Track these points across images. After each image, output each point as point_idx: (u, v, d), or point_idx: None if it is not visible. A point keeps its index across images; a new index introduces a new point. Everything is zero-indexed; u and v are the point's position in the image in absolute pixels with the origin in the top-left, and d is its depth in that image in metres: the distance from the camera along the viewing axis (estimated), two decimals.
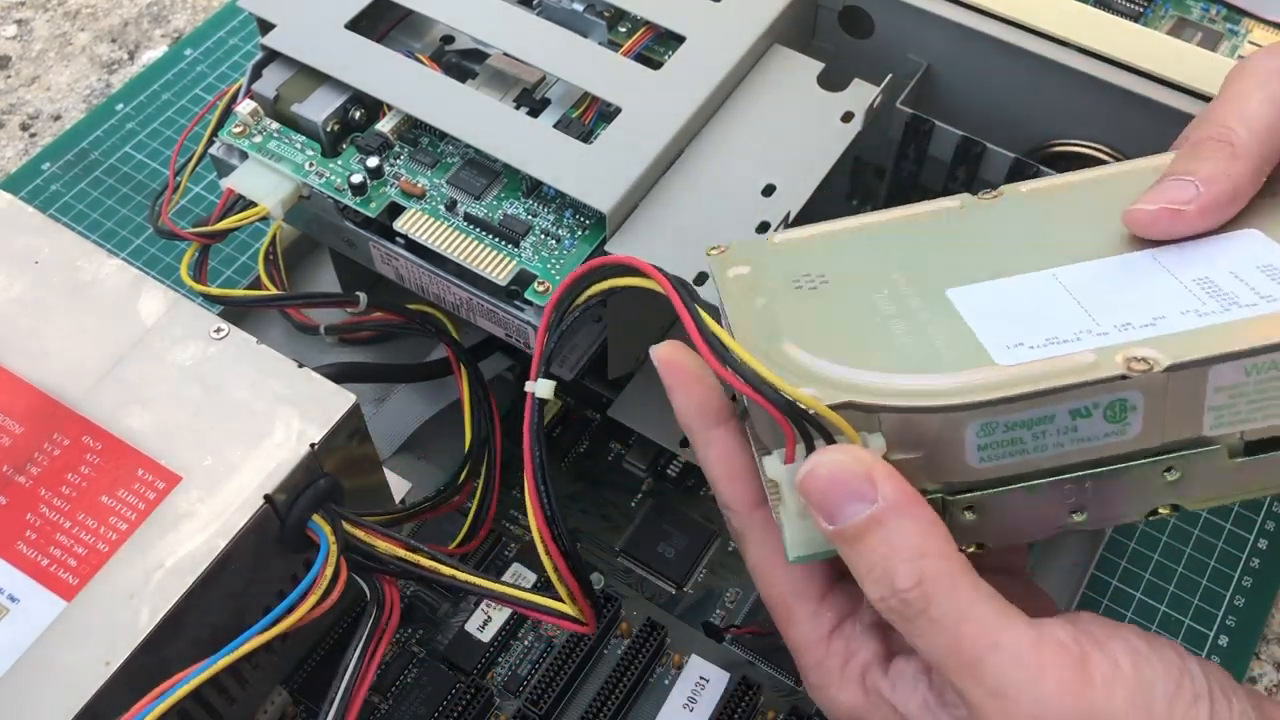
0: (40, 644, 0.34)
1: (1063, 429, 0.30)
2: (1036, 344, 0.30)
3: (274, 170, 0.44)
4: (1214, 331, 0.30)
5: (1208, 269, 0.32)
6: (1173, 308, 0.31)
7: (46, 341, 0.39)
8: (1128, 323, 0.30)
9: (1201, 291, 0.31)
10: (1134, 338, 0.30)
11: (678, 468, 0.51)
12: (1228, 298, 0.31)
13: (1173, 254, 0.33)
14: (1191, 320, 0.30)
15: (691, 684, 0.46)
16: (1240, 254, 0.32)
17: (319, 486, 0.37)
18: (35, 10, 0.72)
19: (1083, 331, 0.30)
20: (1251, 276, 0.31)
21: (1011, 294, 0.33)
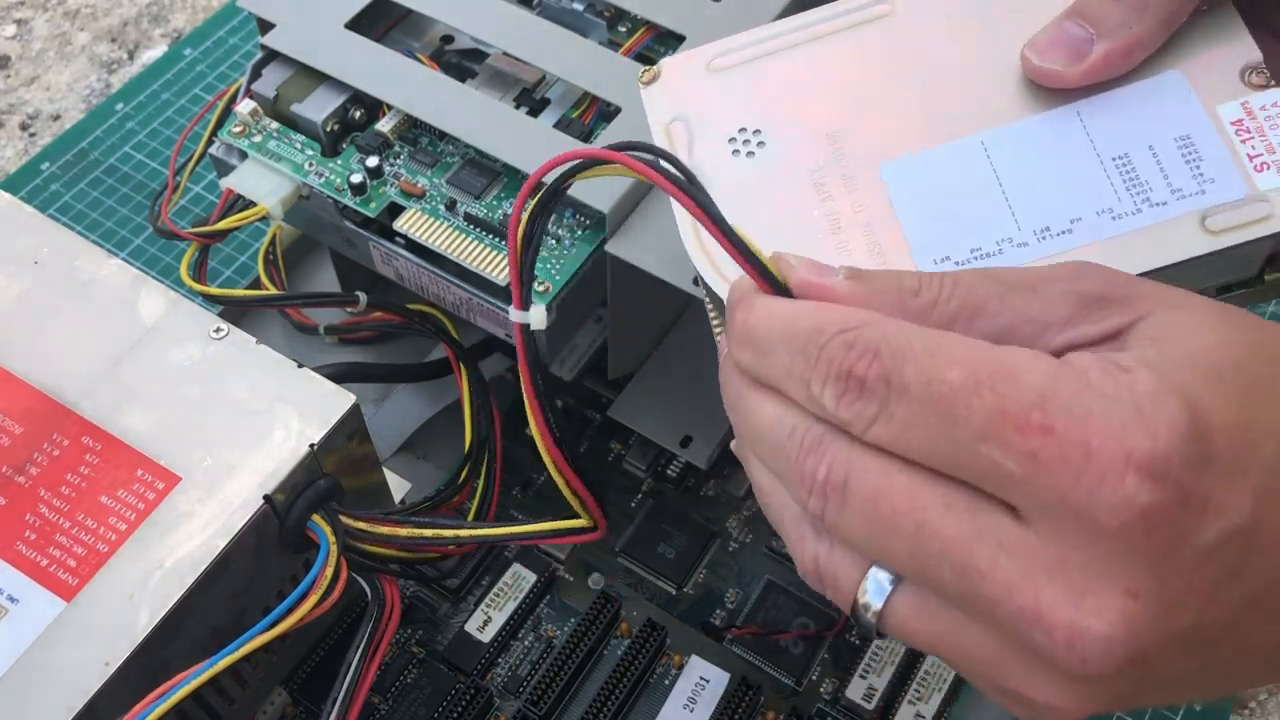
0: (40, 644, 0.34)
1: None
2: (961, 259, 0.33)
3: (274, 170, 0.44)
4: (1124, 245, 0.32)
5: (1126, 142, 0.33)
6: (1089, 204, 0.33)
7: (46, 341, 0.39)
8: (1046, 227, 0.33)
9: (1119, 179, 0.33)
10: (1051, 250, 0.32)
11: (678, 468, 0.51)
12: (1143, 191, 0.33)
13: (1094, 108, 0.34)
14: (1106, 225, 0.32)
15: (691, 684, 0.45)
16: (1159, 117, 0.33)
17: (319, 487, 0.37)
18: (35, 10, 0.72)
19: (1004, 240, 0.33)
20: (1167, 155, 0.33)
21: (941, 175, 0.34)
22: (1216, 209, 0.32)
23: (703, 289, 0.34)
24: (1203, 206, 0.32)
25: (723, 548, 0.49)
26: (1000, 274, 0.28)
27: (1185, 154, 0.33)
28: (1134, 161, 0.33)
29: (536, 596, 0.48)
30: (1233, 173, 0.32)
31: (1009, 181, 0.34)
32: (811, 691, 0.46)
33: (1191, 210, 0.32)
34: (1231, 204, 0.32)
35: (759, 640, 0.47)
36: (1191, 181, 0.32)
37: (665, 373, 0.51)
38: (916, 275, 0.28)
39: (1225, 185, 0.32)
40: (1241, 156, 0.32)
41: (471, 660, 0.46)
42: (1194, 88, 0.33)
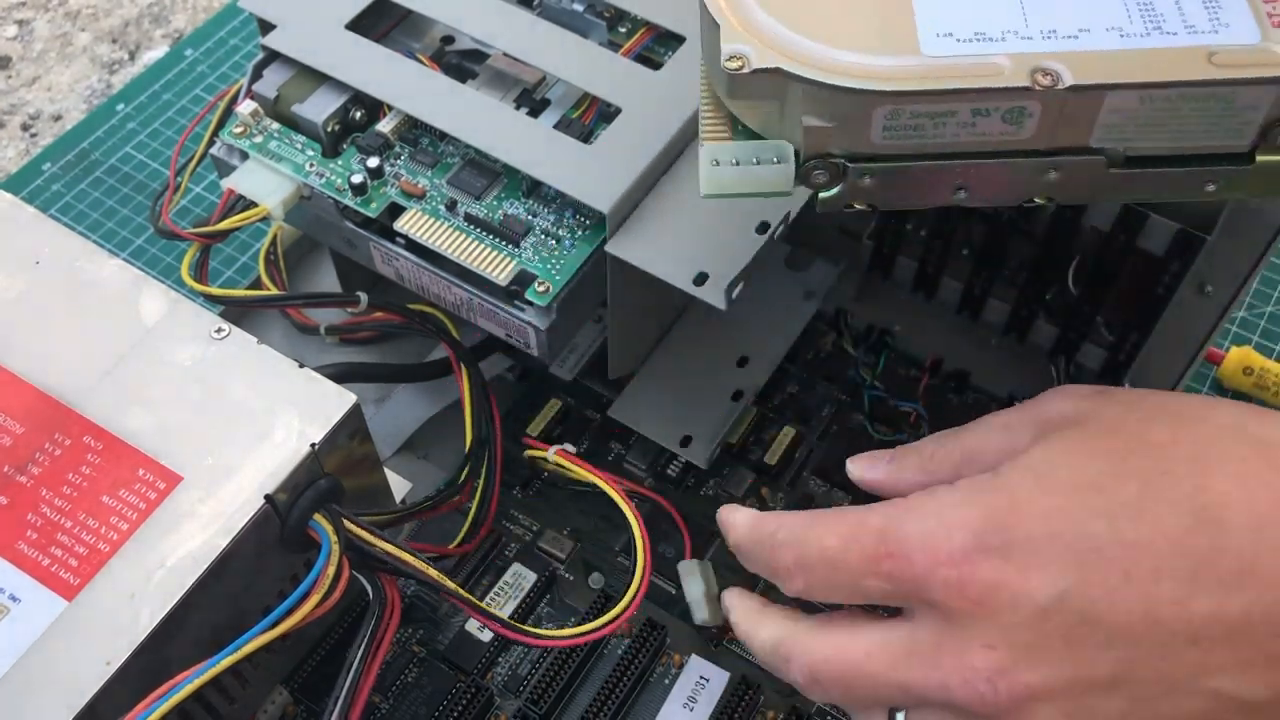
0: (41, 644, 0.34)
1: (962, 123, 0.32)
2: (964, 37, 0.32)
3: (274, 170, 0.44)
4: (1127, 57, 0.31)
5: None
6: (1100, 21, 0.32)
7: (47, 342, 0.39)
8: (1054, 30, 0.32)
9: (1136, 7, 0.32)
10: (1053, 49, 0.32)
11: (678, 468, 0.51)
12: (1155, 20, 0.32)
13: None
14: (1113, 40, 0.32)
15: (691, 684, 0.46)
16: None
17: (319, 486, 0.37)
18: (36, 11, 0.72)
19: (1009, 32, 0.32)
20: (1190, 2, 0.32)
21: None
22: (1226, 49, 0.31)
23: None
24: (1212, 43, 0.31)
25: (722, 547, 0.49)
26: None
27: (1207, 5, 0.32)
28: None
29: (537, 596, 0.48)
30: (1248, 21, 0.32)
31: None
32: None
33: (1200, 44, 0.32)
34: (1242, 48, 0.31)
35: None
36: (1206, 20, 0.32)
37: (665, 373, 0.51)
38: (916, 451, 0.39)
39: (1239, 30, 0.32)
40: (1260, 8, 0.32)
41: (472, 659, 0.46)
42: None
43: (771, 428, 0.52)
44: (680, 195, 0.42)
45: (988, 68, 0.31)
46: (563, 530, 0.50)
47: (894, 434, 0.51)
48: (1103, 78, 0.31)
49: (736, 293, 0.40)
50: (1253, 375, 0.55)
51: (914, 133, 0.32)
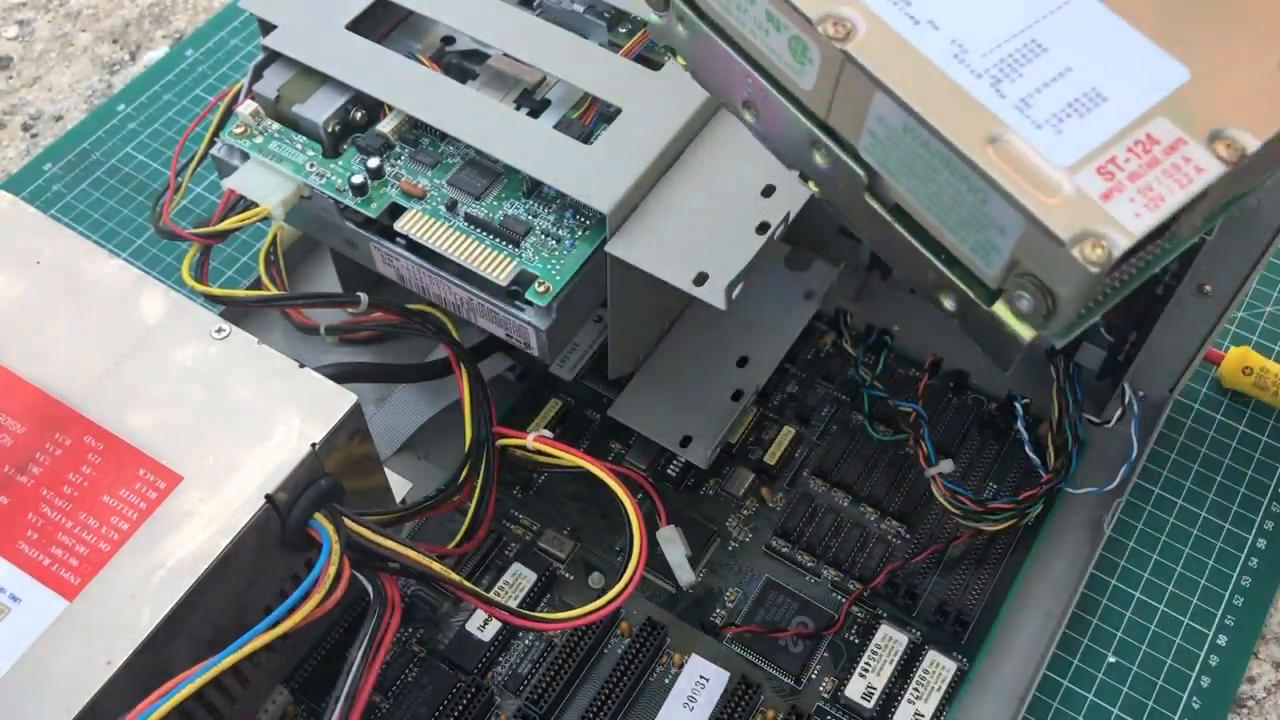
0: (41, 643, 0.34)
1: (758, 22, 0.32)
2: None
3: (275, 171, 0.44)
4: (930, 75, 0.31)
5: (1061, 47, 0.31)
6: (966, 33, 0.31)
7: (48, 342, 0.39)
8: (928, 17, 0.31)
9: (1006, 49, 0.31)
10: (894, 23, 0.31)
11: (678, 468, 0.51)
12: (1006, 72, 0.31)
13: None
14: (946, 55, 0.31)
15: (691, 683, 0.46)
16: (1101, 61, 0.31)
17: (320, 486, 0.37)
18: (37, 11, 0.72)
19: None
20: (1062, 85, 0.31)
21: None
22: (1020, 145, 0.30)
23: None
24: (1018, 131, 0.30)
25: (723, 547, 0.49)
26: None
27: (1073, 101, 0.31)
28: (1042, 45, 0.31)
29: (537, 595, 0.48)
30: (1079, 147, 0.30)
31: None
32: (811, 690, 0.46)
33: (1005, 121, 0.30)
34: (1038, 157, 0.29)
35: (758, 639, 0.47)
36: (1047, 112, 0.30)
37: (665, 373, 0.51)
38: None
39: (1061, 145, 0.30)
40: (1103, 151, 0.30)
41: (472, 659, 0.46)
42: (1165, 88, 0.31)
43: (771, 428, 0.52)
44: (680, 195, 0.42)
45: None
46: (563, 530, 0.50)
47: (894, 434, 0.52)
48: (877, 68, 0.30)
49: (736, 293, 0.40)
50: (1251, 375, 0.55)
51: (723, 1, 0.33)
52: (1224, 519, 0.52)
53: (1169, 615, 0.49)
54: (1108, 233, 0.29)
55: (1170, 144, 0.30)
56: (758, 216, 0.42)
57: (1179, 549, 0.51)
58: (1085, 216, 0.29)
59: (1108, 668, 0.48)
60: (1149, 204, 0.29)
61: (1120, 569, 0.50)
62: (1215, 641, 0.49)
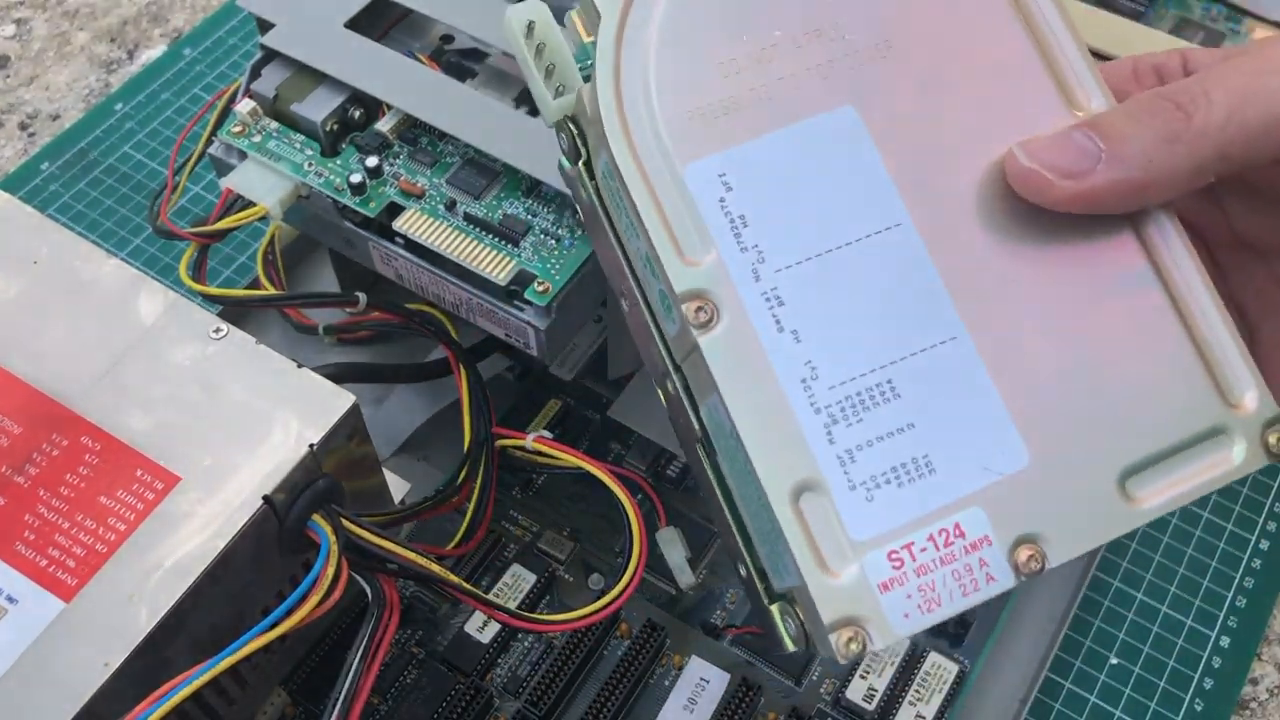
0: (39, 645, 0.34)
1: (639, 254, 0.32)
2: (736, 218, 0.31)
3: (273, 170, 0.44)
4: (767, 395, 0.30)
5: (911, 375, 0.30)
6: (834, 372, 0.30)
7: (45, 342, 0.39)
8: (796, 332, 0.30)
9: (865, 390, 0.30)
10: (753, 310, 0.30)
11: (678, 468, 0.51)
12: (849, 416, 0.30)
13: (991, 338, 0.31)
14: (794, 388, 0.30)
15: (692, 685, 0.45)
16: (944, 389, 0.30)
17: (318, 487, 0.37)
18: (34, 10, 0.72)
19: (766, 248, 0.31)
20: (887, 425, 0.30)
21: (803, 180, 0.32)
22: (824, 504, 0.29)
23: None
24: (825, 484, 0.29)
25: (723, 548, 0.49)
26: None
27: (899, 467, 0.30)
28: (882, 406, 0.30)
29: (536, 596, 0.48)
30: (872, 522, 0.29)
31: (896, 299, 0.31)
32: (811, 692, 0.46)
33: (822, 472, 0.29)
34: (835, 518, 0.29)
35: (759, 640, 0.47)
36: (856, 476, 0.30)
37: None
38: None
39: (857, 518, 0.29)
40: (891, 539, 0.29)
41: (471, 661, 0.46)
42: (996, 472, 0.30)
43: None
44: None
45: (694, 239, 0.30)
46: (562, 531, 0.50)
47: None
48: (719, 373, 0.30)
49: None
50: None
51: (617, 201, 0.32)
52: (1226, 520, 0.52)
53: (1171, 617, 0.49)
54: (869, 629, 0.28)
55: (974, 541, 0.29)
56: None
57: (1181, 550, 0.51)
58: (854, 604, 0.29)
59: (1110, 669, 0.48)
60: (923, 606, 0.29)
61: (1122, 570, 0.50)
62: (1218, 643, 0.48)
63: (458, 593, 0.40)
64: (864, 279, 0.31)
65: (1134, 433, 0.30)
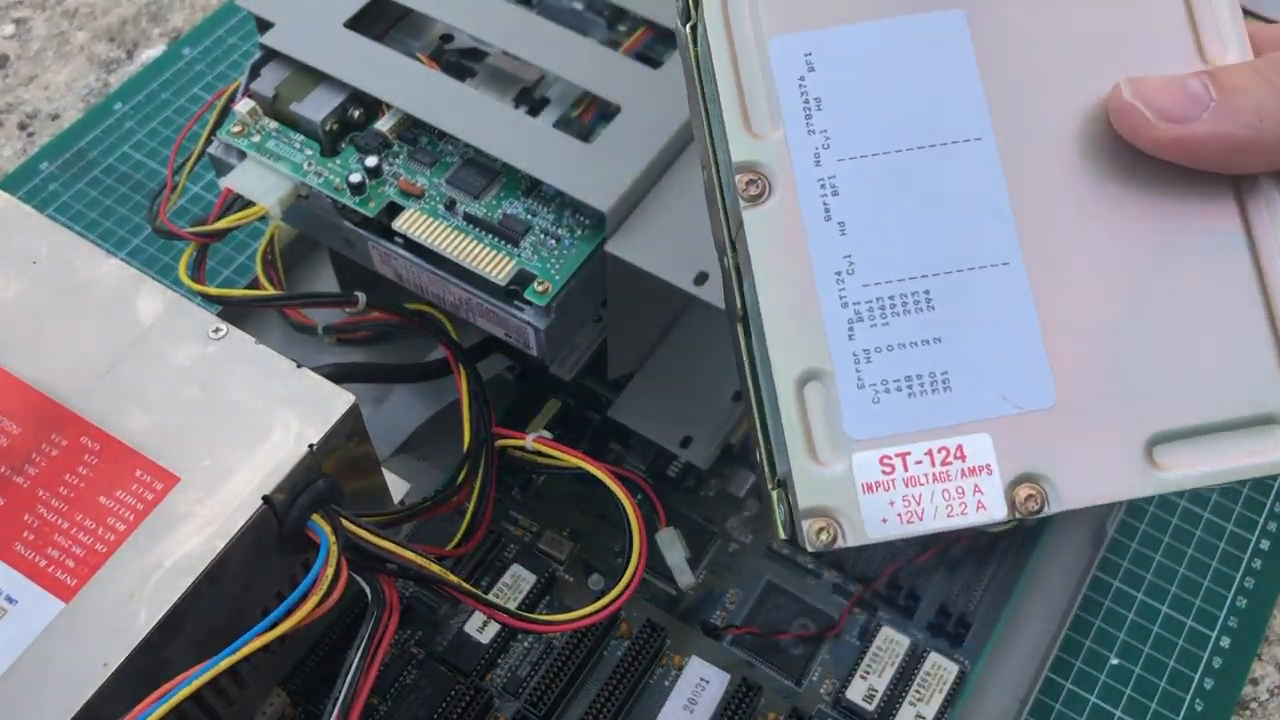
0: (38, 645, 0.34)
1: (717, 116, 0.31)
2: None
3: (272, 170, 0.44)
4: (797, 280, 0.29)
5: (951, 291, 0.29)
6: (871, 270, 0.29)
7: (44, 341, 0.39)
8: (843, 223, 0.30)
9: (899, 295, 0.29)
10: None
11: (678, 468, 0.51)
12: (875, 317, 0.29)
13: (1043, 265, 0.30)
14: (825, 280, 0.29)
15: (692, 685, 0.45)
16: (984, 312, 0.29)
17: (317, 487, 0.37)
18: (33, 9, 0.72)
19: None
20: (913, 334, 0.29)
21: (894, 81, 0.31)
22: (827, 394, 0.29)
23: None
24: (834, 376, 0.29)
25: (723, 548, 0.49)
26: None
27: (914, 377, 0.29)
28: (913, 315, 0.29)
29: (536, 597, 0.47)
30: (872, 423, 0.29)
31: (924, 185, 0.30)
32: (811, 692, 0.46)
33: (834, 364, 0.29)
34: (835, 410, 0.29)
35: (759, 641, 0.47)
36: (868, 377, 0.29)
37: (665, 373, 0.51)
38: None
39: (858, 416, 0.29)
40: (887, 444, 0.29)
41: (471, 661, 0.46)
42: (1017, 405, 0.29)
43: None
44: (680, 195, 0.42)
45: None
46: (562, 531, 0.50)
47: None
48: (755, 250, 0.30)
49: None
50: None
51: (704, 59, 0.31)
52: (1227, 520, 0.52)
53: (1172, 617, 0.49)
54: (843, 524, 0.28)
55: (973, 466, 0.29)
56: None
57: (1182, 550, 0.51)
58: (834, 496, 0.28)
59: (1110, 670, 0.48)
60: (904, 515, 0.28)
61: (1123, 570, 0.50)
62: (1218, 643, 0.48)
63: (458, 593, 0.40)
64: (927, 185, 0.30)
65: (1178, 400, 0.29)
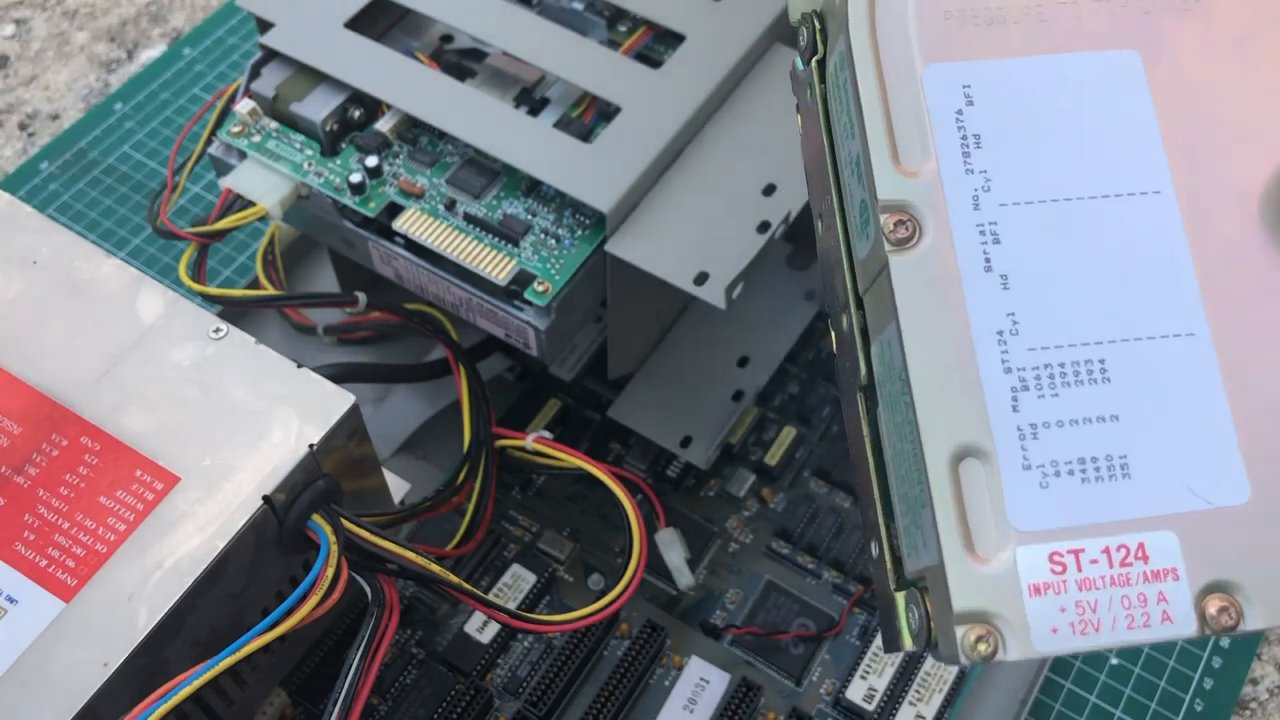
0: (38, 645, 0.34)
1: (850, 156, 0.29)
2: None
3: (273, 170, 0.44)
4: (954, 337, 0.26)
5: (1132, 362, 0.26)
6: (1039, 332, 0.26)
7: (44, 342, 0.39)
8: (1005, 276, 0.26)
9: (1071, 363, 0.26)
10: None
11: (678, 468, 0.51)
12: (1043, 387, 0.26)
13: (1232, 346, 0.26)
14: (986, 339, 0.26)
15: (692, 685, 0.45)
16: (1168, 389, 0.26)
17: (318, 487, 0.37)
18: (34, 9, 0.72)
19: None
20: (1088, 410, 0.26)
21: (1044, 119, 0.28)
22: (989, 474, 0.25)
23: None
24: (996, 453, 0.26)
25: (723, 548, 0.49)
26: None
27: (1089, 460, 0.25)
28: (1087, 387, 0.26)
29: (536, 597, 0.47)
30: (1040, 512, 0.25)
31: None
32: (812, 692, 0.46)
33: (996, 439, 0.26)
34: (998, 495, 0.25)
35: (759, 641, 0.47)
36: (1035, 457, 0.26)
37: (665, 373, 0.51)
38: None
39: (1023, 503, 0.25)
40: (1058, 539, 0.25)
41: (471, 661, 0.46)
42: (1206, 500, 0.26)
43: (772, 428, 0.52)
44: (680, 195, 0.42)
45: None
46: (562, 531, 0.50)
47: None
48: (903, 301, 0.27)
49: (736, 292, 0.40)
50: None
51: (836, 92, 0.29)
52: None
53: None
54: (1005, 634, 0.24)
55: (1157, 570, 0.25)
56: (758, 215, 0.41)
57: None
58: (995, 599, 0.24)
59: (1110, 670, 0.48)
60: (1077, 625, 0.24)
61: None
62: (1218, 643, 0.48)
63: (458, 593, 0.40)
64: (1102, 239, 0.27)
65: None
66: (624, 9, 0.47)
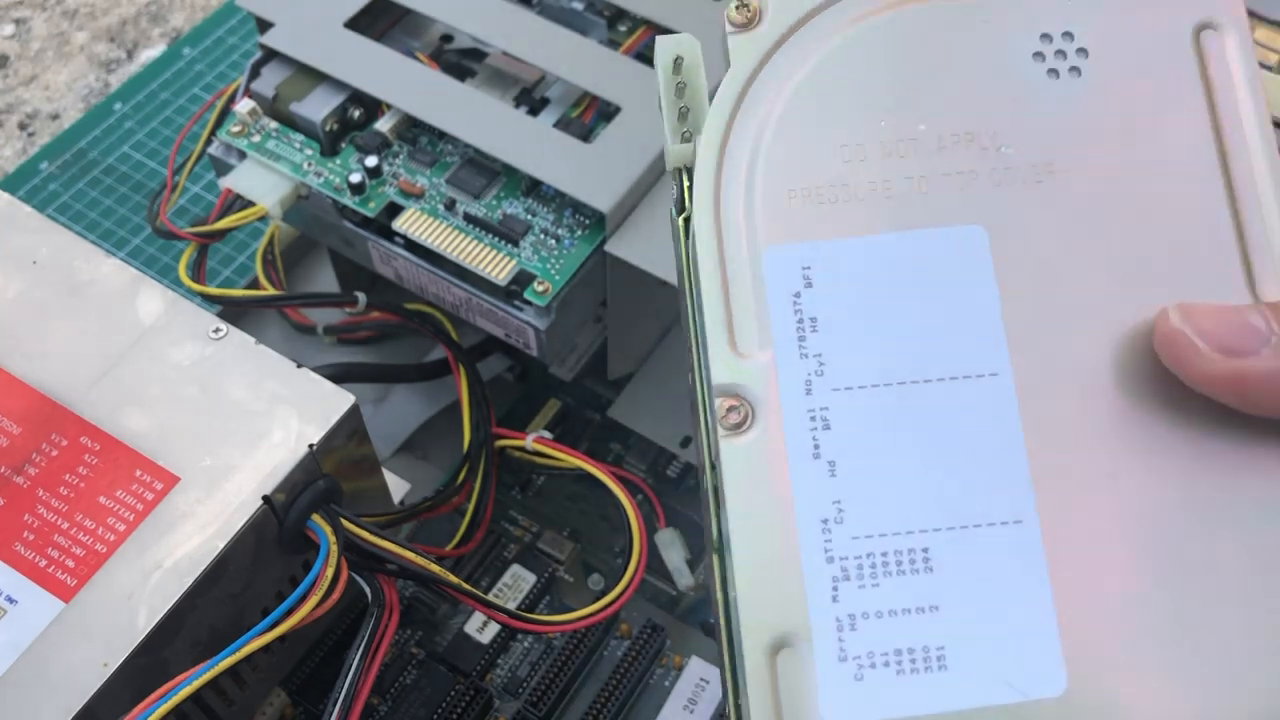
0: (38, 645, 0.34)
1: (703, 327, 0.28)
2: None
3: (272, 170, 0.44)
4: (777, 524, 0.26)
5: (958, 552, 0.26)
6: (864, 520, 0.26)
7: (44, 342, 0.39)
8: (833, 462, 0.27)
9: (894, 552, 0.26)
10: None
11: (678, 468, 0.51)
12: (864, 577, 0.26)
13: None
14: (810, 526, 0.26)
15: (692, 685, 0.45)
16: (992, 581, 0.26)
17: (317, 487, 0.37)
18: (33, 9, 0.72)
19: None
20: (907, 601, 0.26)
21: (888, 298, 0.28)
22: (803, 668, 0.25)
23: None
24: (813, 646, 0.25)
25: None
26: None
27: (905, 652, 0.25)
28: (908, 577, 0.26)
29: (536, 597, 0.47)
30: (849, 707, 0.25)
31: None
32: None
33: (814, 631, 0.26)
34: (810, 689, 0.25)
35: None
36: (851, 648, 0.26)
37: (665, 373, 0.51)
38: None
39: (834, 698, 0.25)
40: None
41: (471, 661, 0.46)
42: (1017, 690, 0.25)
43: None
44: None
45: None
46: (562, 531, 0.50)
47: None
48: (730, 485, 0.27)
49: None
50: None
51: (694, 261, 0.29)
52: None
53: None
54: None
55: None
56: None
57: None
58: None
59: None
60: None
61: None
62: None
63: (457, 593, 0.40)
64: (936, 423, 0.26)
65: (1216, 693, 0.25)
66: (624, 9, 0.47)
